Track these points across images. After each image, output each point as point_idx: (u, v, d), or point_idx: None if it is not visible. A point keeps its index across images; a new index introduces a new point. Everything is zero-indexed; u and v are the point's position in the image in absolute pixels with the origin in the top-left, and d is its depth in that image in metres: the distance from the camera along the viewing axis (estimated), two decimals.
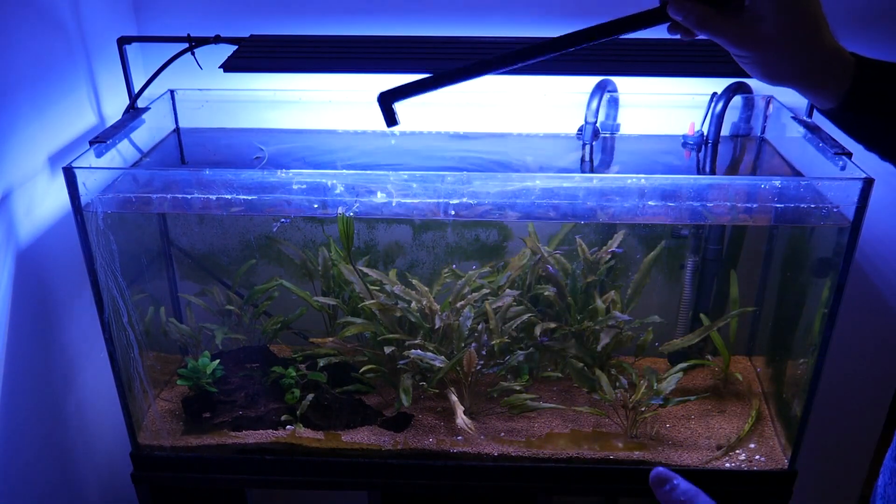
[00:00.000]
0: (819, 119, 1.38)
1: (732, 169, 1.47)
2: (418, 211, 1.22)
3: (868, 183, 1.13)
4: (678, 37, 0.77)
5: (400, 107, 0.84)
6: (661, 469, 0.54)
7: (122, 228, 1.29)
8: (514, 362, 1.43)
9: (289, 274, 1.55)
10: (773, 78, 0.73)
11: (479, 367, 1.41)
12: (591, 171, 1.44)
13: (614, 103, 1.51)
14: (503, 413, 1.45)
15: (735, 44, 0.72)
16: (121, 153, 1.32)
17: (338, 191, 1.21)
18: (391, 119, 0.84)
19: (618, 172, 1.44)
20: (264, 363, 1.49)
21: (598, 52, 1.31)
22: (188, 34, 1.35)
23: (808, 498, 1.83)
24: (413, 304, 1.40)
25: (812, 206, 1.18)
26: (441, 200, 1.20)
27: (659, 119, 1.52)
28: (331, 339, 1.45)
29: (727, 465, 1.37)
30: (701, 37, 0.75)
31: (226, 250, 1.55)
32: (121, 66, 1.37)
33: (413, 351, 1.38)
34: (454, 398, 1.41)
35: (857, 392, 1.76)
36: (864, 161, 1.16)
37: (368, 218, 1.50)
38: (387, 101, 0.82)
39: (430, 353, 1.38)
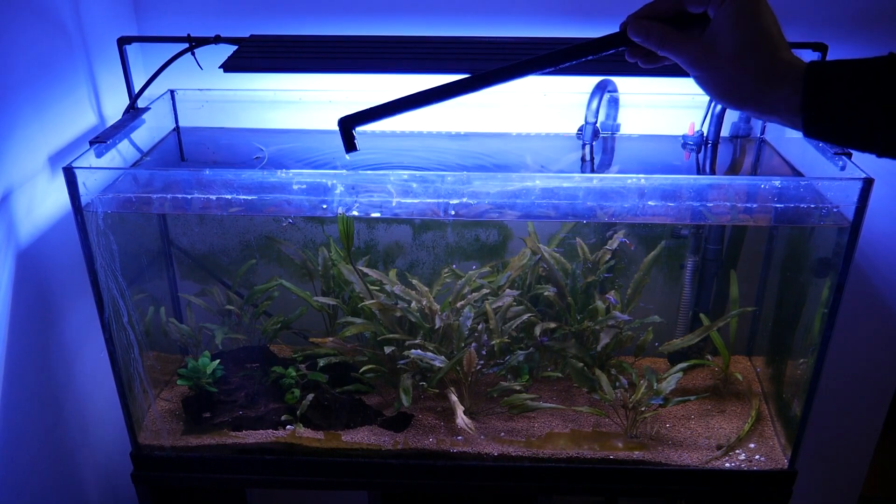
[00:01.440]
0: None
1: (732, 169, 1.47)
2: (418, 211, 1.22)
3: (868, 183, 1.13)
4: (637, 62, 0.76)
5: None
6: None
7: (122, 228, 1.29)
8: (514, 362, 1.43)
9: (289, 274, 1.55)
10: (725, 97, 0.71)
11: (479, 367, 1.41)
12: (591, 171, 1.44)
13: (614, 103, 1.51)
14: (503, 413, 1.45)
15: (692, 63, 0.71)
16: (121, 153, 1.32)
17: (338, 191, 1.21)
18: (350, 145, 0.83)
19: (618, 172, 1.44)
20: (264, 363, 1.49)
21: None
22: (188, 34, 1.35)
23: (808, 498, 1.83)
24: (413, 304, 1.40)
25: (812, 206, 1.18)
26: (441, 200, 1.20)
27: (659, 119, 1.52)
28: (331, 339, 1.45)
29: (727, 465, 1.37)
30: (658, 66, 0.75)
31: (226, 250, 1.55)
32: (121, 66, 1.38)
33: (413, 351, 1.38)
34: (454, 398, 1.41)
35: (857, 392, 1.76)
36: (864, 161, 1.16)
37: (368, 218, 1.50)
38: (347, 125, 0.82)
39: (430, 353, 1.38)
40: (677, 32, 0.71)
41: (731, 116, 1.50)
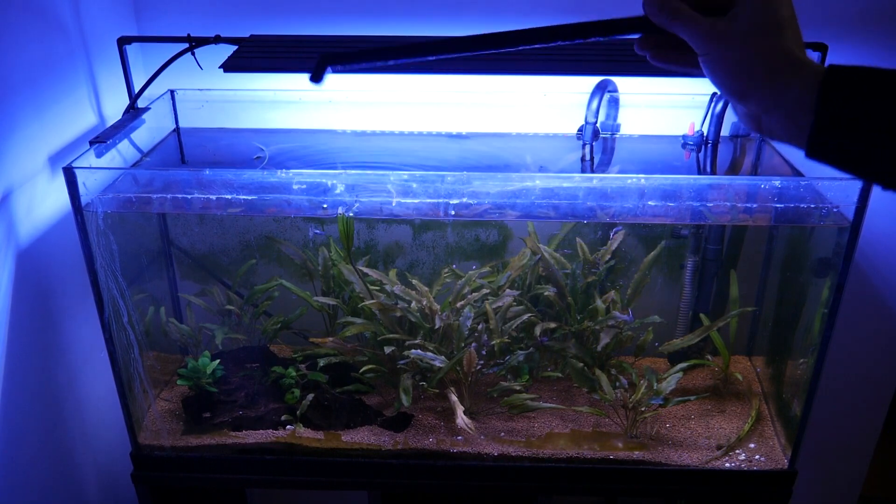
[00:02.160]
0: None
1: (732, 169, 1.47)
2: (418, 211, 1.22)
3: (868, 183, 1.13)
4: (646, 55, 0.74)
5: (400, 107, 0.83)
6: None
7: (122, 228, 1.29)
8: (514, 362, 1.43)
9: (289, 274, 1.55)
10: (727, 86, 0.67)
11: (479, 367, 1.41)
12: (591, 171, 1.44)
13: (614, 103, 1.51)
14: (503, 413, 1.45)
15: (701, 39, 0.67)
16: (121, 153, 1.32)
17: (338, 191, 1.21)
18: (317, 76, 0.79)
19: (618, 172, 1.44)
20: (264, 363, 1.49)
21: (597, 52, 1.31)
22: (188, 34, 1.35)
23: (808, 498, 1.83)
24: (413, 304, 1.40)
25: (812, 206, 1.18)
26: (441, 200, 1.20)
27: (659, 119, 1.52)
28: (331, 339, 1.45)
29: (727, 465, 1.37)
30: (665, 63, 0.73)
31: (226, 250, 1.55)
32: (121, 66, 1.38)
33: (413, 351, 1.38)
34: (454, 398, 1.41)
35: (857, 392, 1.76)
36: None
37: (368, 218, 1.50)
38: (326, 60, 0.78)
39: (430, 353, 1.38)
40: (693, 11, 0.68)
41: (732, 116, 1.50)
